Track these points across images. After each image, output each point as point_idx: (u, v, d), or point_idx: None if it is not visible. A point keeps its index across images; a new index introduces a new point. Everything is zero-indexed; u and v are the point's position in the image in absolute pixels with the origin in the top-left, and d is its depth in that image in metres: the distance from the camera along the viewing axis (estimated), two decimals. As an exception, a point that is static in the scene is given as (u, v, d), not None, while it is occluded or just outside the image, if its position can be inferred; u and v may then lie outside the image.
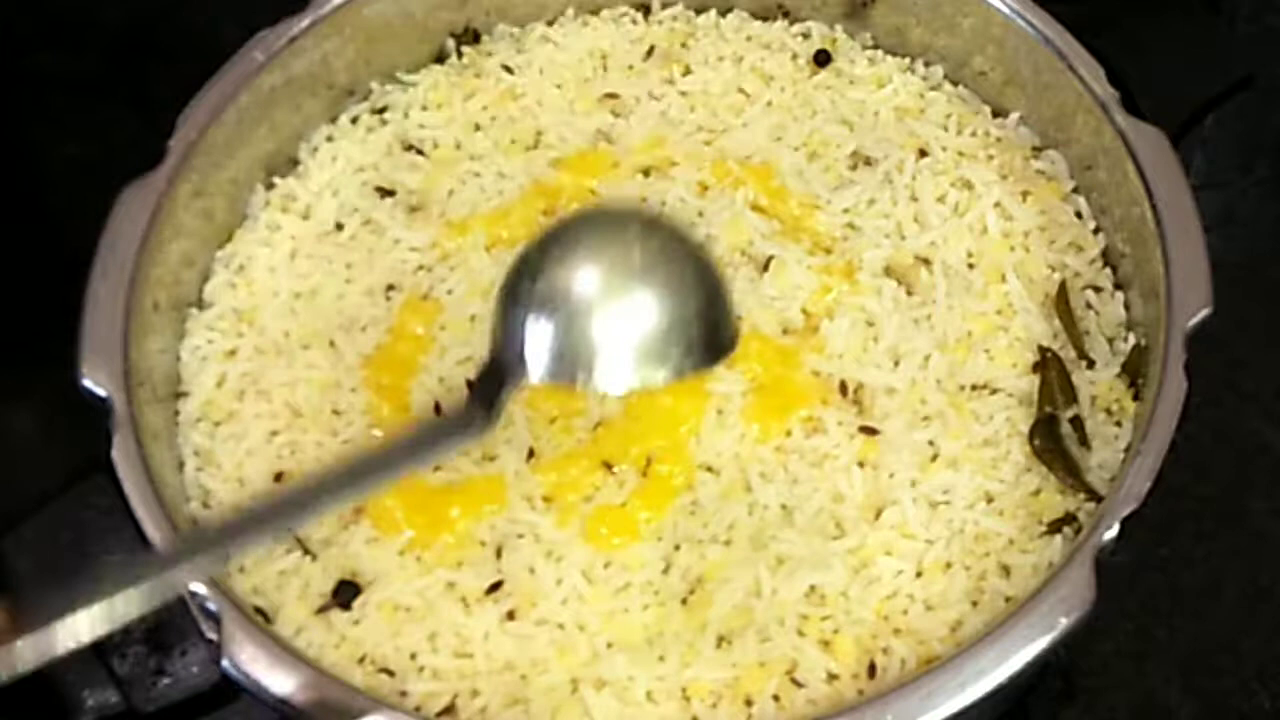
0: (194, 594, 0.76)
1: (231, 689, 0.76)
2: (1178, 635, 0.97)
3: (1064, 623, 0.73)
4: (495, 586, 0.81)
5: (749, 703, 0.78)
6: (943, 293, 0.91)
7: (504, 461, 0.85)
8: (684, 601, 0.81)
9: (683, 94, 1.01)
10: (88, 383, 0.81)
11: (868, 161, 0.97)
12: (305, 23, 0.95)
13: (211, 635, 0.76)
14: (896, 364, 0.88)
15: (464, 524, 0.83)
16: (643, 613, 0.81)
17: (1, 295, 1.04)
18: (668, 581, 0.81)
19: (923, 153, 0.97)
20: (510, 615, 0.81)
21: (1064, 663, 0.95)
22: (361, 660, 0.80)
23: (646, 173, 0.97)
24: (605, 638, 0.80)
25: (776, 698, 0.78)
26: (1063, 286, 0.91)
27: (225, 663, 0.74)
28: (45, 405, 0.80)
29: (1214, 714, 0.94)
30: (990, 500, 0.84)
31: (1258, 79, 0.96)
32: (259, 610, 0.81)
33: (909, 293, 0.91)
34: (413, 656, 0.80)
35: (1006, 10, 0.95)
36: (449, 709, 0.78)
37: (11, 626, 0.62)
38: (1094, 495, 0.83)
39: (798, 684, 0.78)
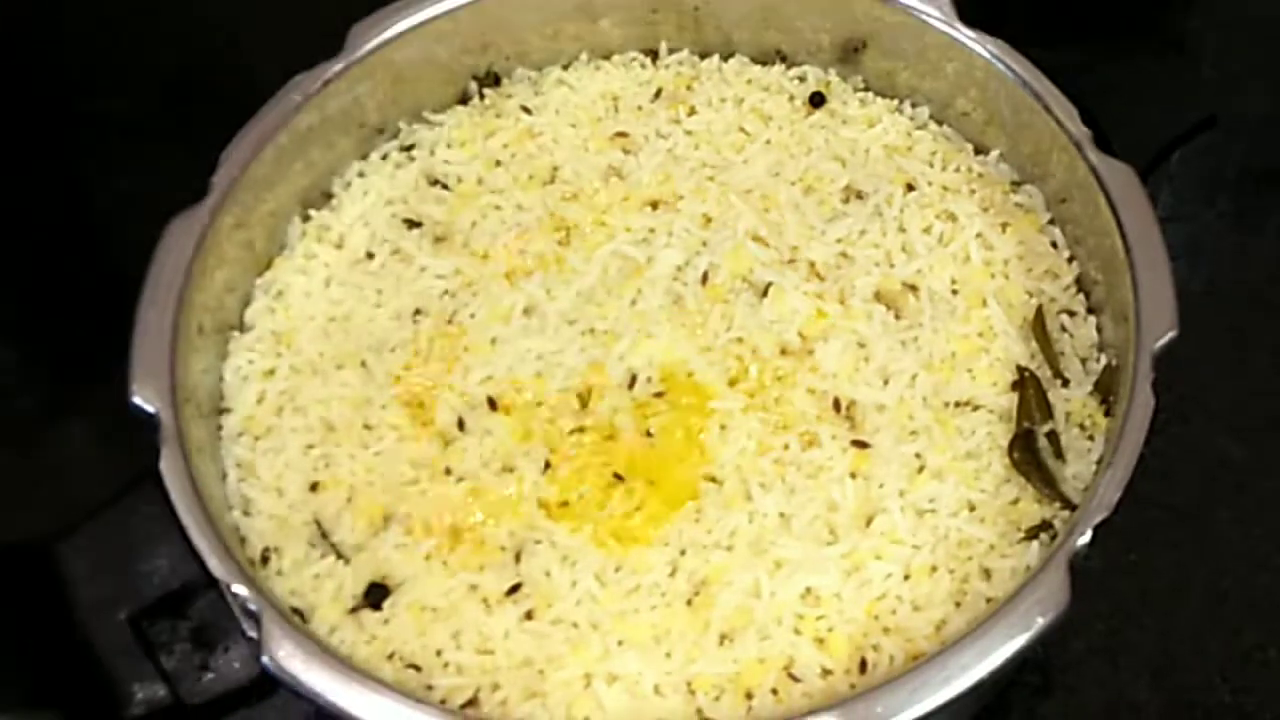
0: (236, 595, 0.77)
1: (271, 683, 0.77)
2: (1147, 634, 0.97)
3: (1041, 622, 0.74)
4: (514, 589, 0.82)
5: (749, 695, 0.79)
6: (928, 317, 0.91)
7: (522, 472, 0.86)
8: (689, 603, 0.82)
9: (688, 133, 1.02)
10: (138, 400, 0.82)
11: (859, 195, 0.98)
12: (339, 66, 0.96)
13: (252, 634, 0.77)
14: (886, 383, 0.89)
15: (486, 531, 0.84)
16: (651, 613, 0.81)
17: (59, 318, 1.05)
18: (674, 584, 0.82)
19: (910, 187, 0.98)
20: (528, 615, 0.82)
21: (1041, 660, 0.96)
22: (390, 657, 0.81)
23: (654, 205, 0.98)
24: (616, 636, 0.80)
25: (775, 691, 0.79)
26: (1039, 311, 0.92)
27: (265, 659, 0.75)
28: (99, 420, 0.81)
29: (1180, 707, 0.95)
30: (972, 509, 0.85)
31: (1220, 119, 0.97)
32: (296, 610, 0.82)
33: (897, 317, 0.92)
34: (438, 653, 0.81)
35: (987, 56, 0.96)
36: (472, 702, 0.79)
37: None
38: (1068, 504, 0.84)
39: (794, 679, 0.79)
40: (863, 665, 0.80)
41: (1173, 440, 1.02)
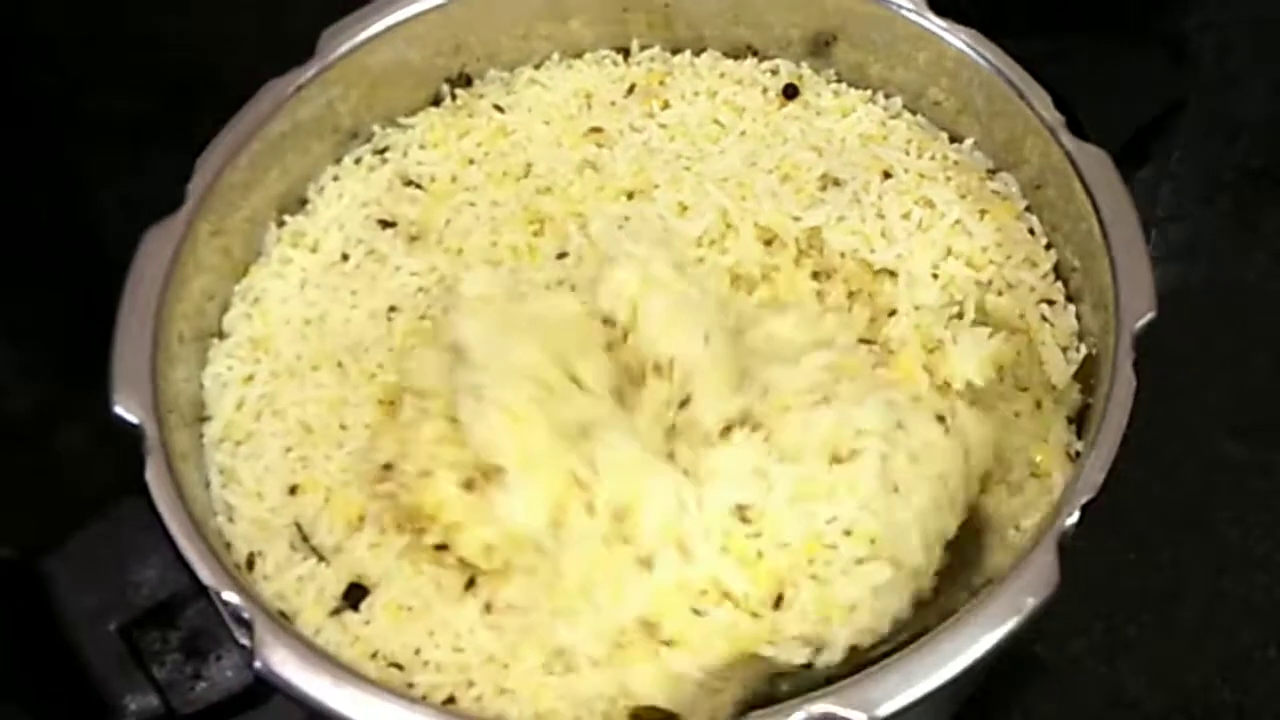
0: (227, 603, 0.77)
1: (264, 690, 0.77)
2: (1146, 634, 0.98)
3: (1031, 603, 0.74)
4: (471, 582, 0.82)
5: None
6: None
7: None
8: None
9: (662, 126, 1.02)
10: (120, 411, 0.82)
11: (836, 182, 0.97)
12: (310, 72, 0.96)
13: (244, 641, 0.77)
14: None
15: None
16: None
17: (59, 319, 1.05)
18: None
19: (887, 174, 0.98)
20: (488, 608, 0.82)
21: (1041, 660, 0.96)
22: (374, 656, 0.81)
23: (630, 196, 0.98)
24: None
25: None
26: None
27: (259, 665, 0.75)
28: (97, 423, 0.81)
29: (1179, 706, 0.96)
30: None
31: (1220, 119, 0.96)
32: (282, 614, 0.82)
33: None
34: (417, 651, 0.81)
35: (959, 45, 0.96)
36: (451, 699, 0.79)
37: None
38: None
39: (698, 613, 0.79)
40: (778, 601, 0.79)
41: (1173, 439, 1.03)
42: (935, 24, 0.97)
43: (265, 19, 1.25)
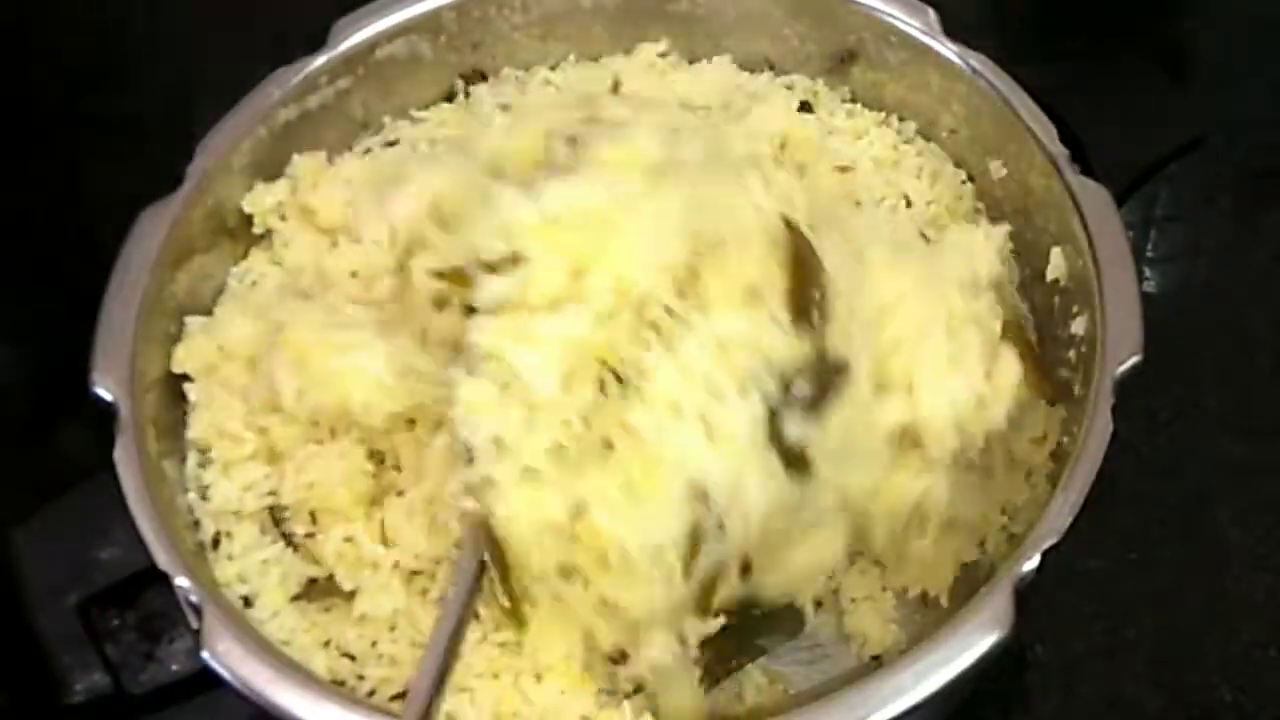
0: (179, 588, 0.77)
1: (214, 677, 0.76)
2: (1146, 634, 0.97)
3: (981, 647, 0.74)
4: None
5: None
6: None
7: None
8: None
9: (671, 129, 1.01)
10: (98, 390, 0.83)
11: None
12: (319, 62, 0.97)
13: (196, 626, 0.77)
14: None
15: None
16: None
17: (59, 318, 1.06)
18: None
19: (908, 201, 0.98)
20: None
21: (1041, 660, 0.96)
22: (327, 644, 0.82)
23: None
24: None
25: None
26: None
27: (204, 652, 0.75)
28: (95, 420, 0.83)
29: (1179, 706, 0.95)
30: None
31: (1220, 120, 0.95)
32: (243, 597, 0.83)
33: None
34: (374, 644, 0.81)
35: (968, 70, 0.95)
36: (402, 694, 0.79)
37: None
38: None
39: None
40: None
41: (1174, 440, 1.02)
42: (947, 48, 0.96)
43: (270, 19, 1.26)
